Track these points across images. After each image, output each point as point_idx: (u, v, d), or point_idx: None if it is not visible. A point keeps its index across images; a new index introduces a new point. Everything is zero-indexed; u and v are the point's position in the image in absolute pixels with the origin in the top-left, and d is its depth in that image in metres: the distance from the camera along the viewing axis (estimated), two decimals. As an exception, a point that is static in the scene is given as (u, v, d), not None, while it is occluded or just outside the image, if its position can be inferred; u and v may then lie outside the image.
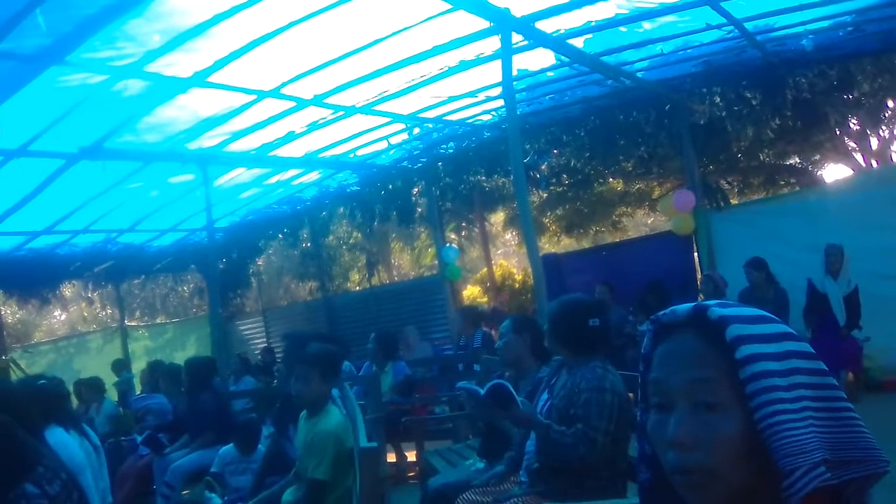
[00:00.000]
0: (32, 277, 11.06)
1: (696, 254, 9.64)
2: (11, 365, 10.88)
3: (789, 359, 0.98)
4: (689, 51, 7.73)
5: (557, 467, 3.08)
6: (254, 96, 6.99)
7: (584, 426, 2.99)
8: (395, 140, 9.65)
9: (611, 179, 13.94)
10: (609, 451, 3.05)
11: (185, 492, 6.48)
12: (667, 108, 9.11)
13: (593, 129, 9.68)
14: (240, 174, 9.49)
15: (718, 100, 9.00)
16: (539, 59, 7.43)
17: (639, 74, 8.04)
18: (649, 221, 21.85)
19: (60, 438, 3.82)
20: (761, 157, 12.94)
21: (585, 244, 17.23)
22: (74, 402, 7.94)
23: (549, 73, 7.87)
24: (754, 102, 8.89)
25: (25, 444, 2.85)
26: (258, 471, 5.22)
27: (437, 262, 12.74)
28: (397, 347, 7.78)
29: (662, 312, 1.07)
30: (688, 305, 1.04)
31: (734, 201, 13.26)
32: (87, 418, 7.69)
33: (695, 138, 9.26)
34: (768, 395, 0.95)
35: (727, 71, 8.37)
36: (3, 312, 12.26)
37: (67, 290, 13.77)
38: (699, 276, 9.23)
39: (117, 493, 6.43)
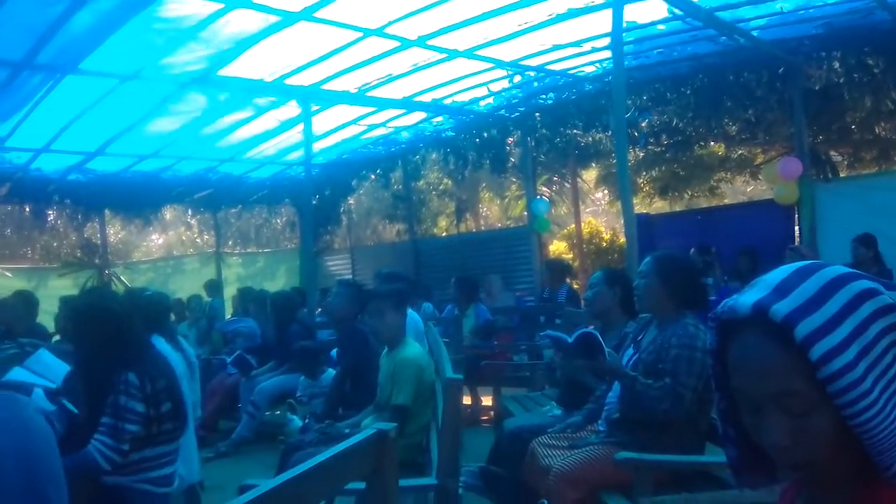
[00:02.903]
0: (137, 199, 11.53)
1: (797, 226, 9.27)
2: (114, 279, 11.51)
3: (869, 325, 0.94)
4: (810, 10, 7.33)
5: (639, 419, 3.08)
6: (359, 34, 7.04)
7: (672, 381, 2.98)
8: (494, 87, 9.58)
9: (712, 143, 13.49)
10: (693, 410, 3.03)
11: (267, 412, 6.80)
12: (780, 70, 8.67)
13: (700, 88, 9.33)
14: (339, 112, 9.63)
15: (837, 65, 8.51)
16: (651, 11, 7.21)
17: (754, 33, 7.68)
18: (749, 190, 21.10)
19: (161, 349, 4.04)
20: (877, 130, 12.23)
21: (678, 208, 16.82)
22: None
23: (660, 27, 7.62)
24: (876, 70, 8.37)
25: (139, 339, 3.07)
26: (326, 401, 5.39)
27: (525, 214, 12.67)
28: (478, 292, 7.85)
29: (720, 309, 1.03)
30: (746, 302, 0.99)
31: (843, 174, 12.64)
32: (181, 335, 8.10)
33: (807, 105, 8.80)
34: (849, 394, 0.92)
35: (850, 34, 7.88)
36: (107, 230, 12.83)
37: (168, 213, 14.31)
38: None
39: (206, 407, 6.80)
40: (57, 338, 6.74)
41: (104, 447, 2.94)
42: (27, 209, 11.08)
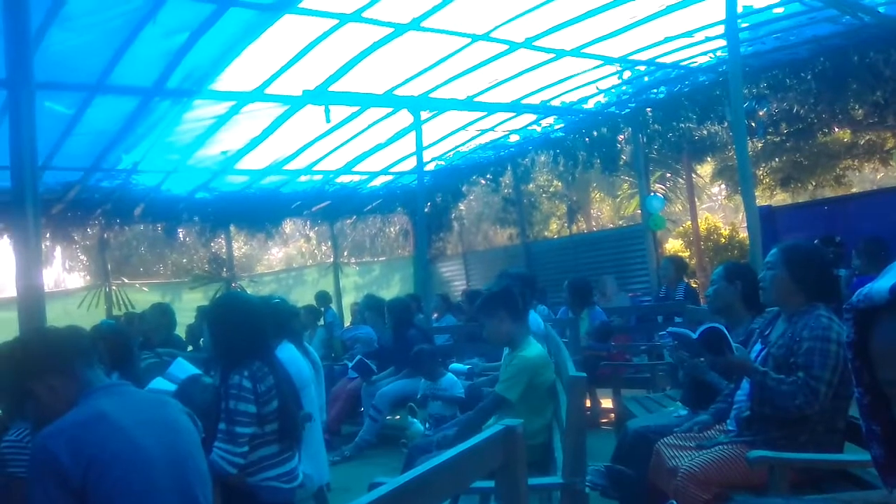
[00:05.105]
0: (259, 214, 12.06)
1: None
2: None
3: None
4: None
5: (770, 417, 2.97)
6: (467, 40, 7.12)
7: (805, 375, 2.84)
8: (603, 85, 9.46)
9: (837, 129, 12.81)
10: (829, 406, 2.89)
11: (388, 416, 6.93)
12: (911, 47, 8.16)
13: (822, 71, 8.87)
14: (448, 119, 9.74)
15: (976, 37, 7.92)
16: (766, -5, 6.98)
17: (880, 9, 7.26)
18: (878, 177, 19.93)
19: (291, 353, 4.21)
20: None
21: (801, 200, 16.04)
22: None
23: (777, 10, 7.33)
24: None
25: (257, 338, 3.24)
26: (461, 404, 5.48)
27: (638, 212, 12.40)
28: (591, 294, 7.75)
29: (856, 298, 0.98)
30: (883, 287, 0.93)
31: None
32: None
33: (943, 83, 8.24)
34: None
35: None
36: (233, 245, 13.42)
37: (288, 226, 14.85)
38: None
39: (329, 411, 7.01)
40: (190, 348, 7.13)
41: (225, 453, 3.07)
42: (159, 228, 11.76)
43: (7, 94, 3.72)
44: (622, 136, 11.23)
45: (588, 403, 7.31)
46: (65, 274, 21.86)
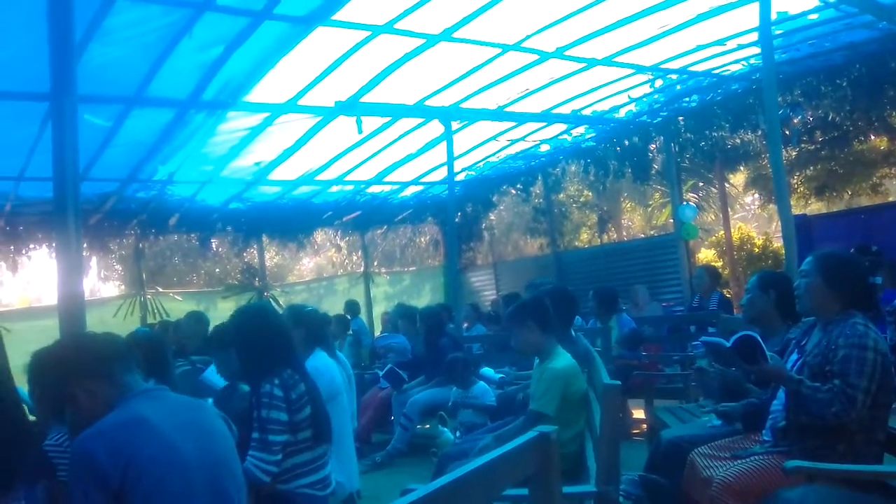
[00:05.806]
0: (291, 224, 12.16)
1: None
2: (273, 301, 12.14)
3: None
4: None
5: (807, 426, 2.92)
6: (498, 50, 7.14)
7: (841, 382, 2.80)
8: (635, 94, 9.42)
9: (873, 137, 12.60)
10: (866, 415, 2.84)
11: (419, 425, 6.95)
12: (951, 52, 8.02)
13: (857, 78, 8.75)
14: (479, 129, 9.76)
15: None
16: (800, 1, 6.89)
17: (918, 15, 7.15)
18: (917, 186, 19.50)
19: (324, 361, 4.24)
20: None
21: (836, 209, 15.79)
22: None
23: (812, 17, 7.25)
24: None
25: (283, 345, 3.26)
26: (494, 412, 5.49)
27: (669, 222, 12.29)
28: (617, 302, 7.70)
29: None
30: None
31: None
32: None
33: (983, 88, 8.09)
34: None
35: None
36: (265, 255, 13.53)
37: (319, 236, 14.95)
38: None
39: (359, 419, 7.03)
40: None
41: (259, 461, 3.11)
42: (194, 238, 11.91)
43: (50, 107, 3.80)
44: (654, 146, 11.16)
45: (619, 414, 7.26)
46: (100, 283, 22.27)
